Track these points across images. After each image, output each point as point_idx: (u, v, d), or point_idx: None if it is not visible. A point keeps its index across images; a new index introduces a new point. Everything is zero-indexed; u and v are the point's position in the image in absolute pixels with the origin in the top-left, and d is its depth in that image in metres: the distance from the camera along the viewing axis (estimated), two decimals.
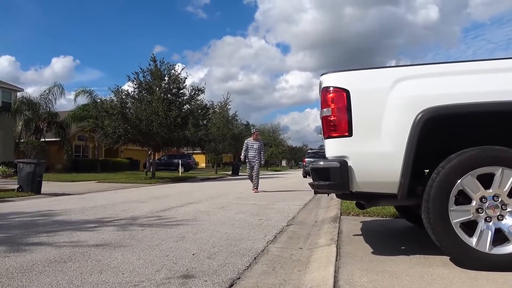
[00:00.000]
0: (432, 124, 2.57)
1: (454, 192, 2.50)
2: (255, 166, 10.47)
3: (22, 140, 23.80)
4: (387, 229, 4.18)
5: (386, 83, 2.72)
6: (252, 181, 10.56)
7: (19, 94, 26.16)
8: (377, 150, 2.65)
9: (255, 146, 10.55)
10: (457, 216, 2.49)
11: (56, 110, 26.15)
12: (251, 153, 10.53)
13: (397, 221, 4.51)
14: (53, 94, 25.01)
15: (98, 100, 20.57)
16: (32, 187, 9.69)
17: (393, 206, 4.59)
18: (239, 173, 29.06)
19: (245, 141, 10.83)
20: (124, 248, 3.40)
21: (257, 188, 10.38)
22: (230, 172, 30.15)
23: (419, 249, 3.01)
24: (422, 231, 3.18)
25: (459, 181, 2.49)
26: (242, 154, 10.73)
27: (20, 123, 24.23)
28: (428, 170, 3.20)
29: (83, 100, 26.43)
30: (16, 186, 9.87)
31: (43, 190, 10.08)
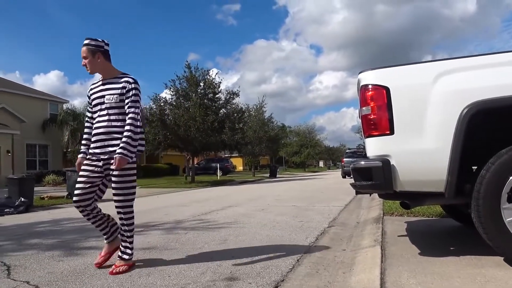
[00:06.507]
0: (479, 118, 2.46)
1: (506, 189, 2.38)
2: (115, 171, 2.88)
3: (69, 150, 25.05)
4: (434, 229, 4.03)
5: (427, 78, 2.63)
6: (91, 218, 3.05)
7: (65, 106, 27.65)
8: (421, 147, 2.56)
9: (108, 98, 2.95)
10: (511, 214, 2.36)
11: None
12: (99, 124, 2.99)
13: (444, 221, 4.33)
14: None
15: None
16: None
17: (439, 205, 4.42)
18: (277, 175, 29.05)
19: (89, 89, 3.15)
20: (169, 251, 3.50)
21: (126, 259, 2.95)
22: (267, 175, 30.19)
23: (470, 249, 2.88)
24: (471, 230, 3.05)
25: (511, 177, 2.36)
26: (85, 134, 3.19)
27: (67, 133, 25.50)
28: (476, 167, 3.06)
29: None
30: (65, 194, 10.41)
31: None
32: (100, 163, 2.96)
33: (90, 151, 3.04)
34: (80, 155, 3.11)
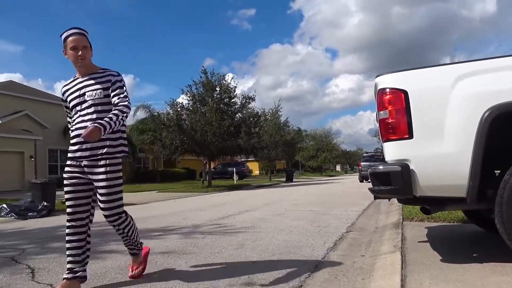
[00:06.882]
0: (501, 121, 2.40)
1: None
2: (102, 189, 2.54)
3: None
4: (456, 235, 3.94)
5: (447, 81, 2.60)
6: (78, 239, 2.58)
7: None
8: (442, 151, 2.52)
9: (90, 94, 2.62)
10: None
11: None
12: (81, 125, 2.60)
13: (466, 226, 4.24)
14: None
15: (155, 113, 21.59)
16: None
17: (461, 210, 4.32)
18: (294, 180, 28.92)
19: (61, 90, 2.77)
20: (187, 256, 3.53)
21: (137, 259, 2.90)
22: (284, 179, 30.10)
23: (494, 256, 2.80)
24: (494, 236, 2.97)
25: None
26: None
27: None
28: (499, 171, 2.99)
29: (142, 114, 27.86)
30: None
31: None
32: (85, 169, 2.57)
33: (70, 155, 2.62)
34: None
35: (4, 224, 6.76)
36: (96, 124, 2.36)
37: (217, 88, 19.54)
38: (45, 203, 8.07)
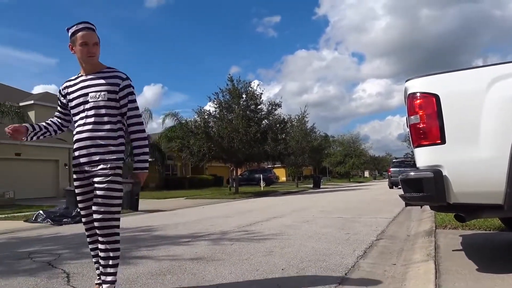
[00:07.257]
0: None
1: None
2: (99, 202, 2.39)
3: None
4: (492, 244, 3.78)
5: (481, 84, 2.52)
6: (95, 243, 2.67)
7: None
8: (476, 156, 2.44)
9: (93, 96, 2.47)
10: None
11: (148, 134, 28.50)
12: (83, 128, 2.49)
13: (503, 235, 4.06)
14: (144, 119, 27.29)
15: (183, 121, 21.97)
16: (130, 205, 10.60)
17: (498, 218, 4.15)
18: (321, 186, 28.62)
19: (60, 90, 2.71)
20: (216, 262, 3.55)
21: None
22: (311, 185, 29.83)
23: None
24: None
25: None
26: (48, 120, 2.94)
27: None
28: None
29: (170, 122, 28.42)
30: None
31: (140, 207, 10.96)
32: (86, 174, 2.49)
33: (74, 161, 2.53)
34: (23, 124, 2.57)
35: (40, 230, 7.03)
36: (141, 171, 2.56)
37: (243, 95, 19.71)
38: (78, 210, 8.33)
